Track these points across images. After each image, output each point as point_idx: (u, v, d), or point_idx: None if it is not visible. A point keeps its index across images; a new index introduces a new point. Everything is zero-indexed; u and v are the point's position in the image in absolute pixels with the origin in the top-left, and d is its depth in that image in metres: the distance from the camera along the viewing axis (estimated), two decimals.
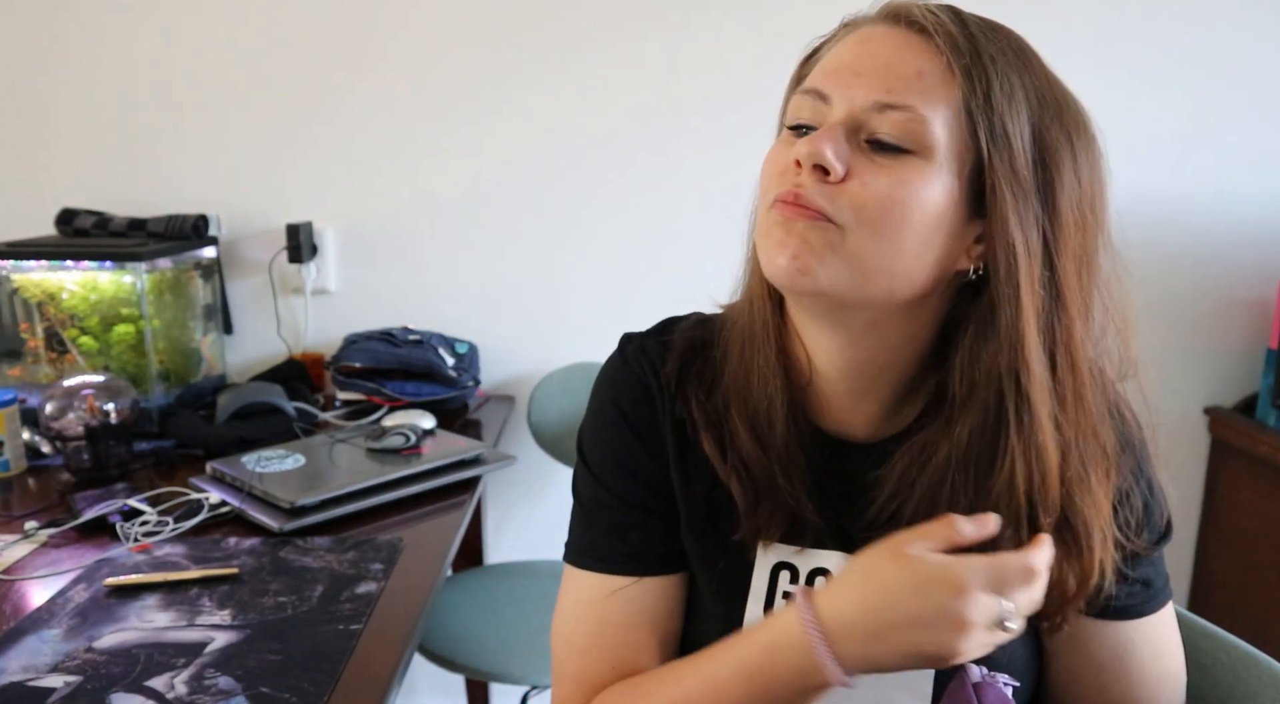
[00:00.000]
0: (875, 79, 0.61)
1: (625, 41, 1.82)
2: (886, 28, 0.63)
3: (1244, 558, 1.84)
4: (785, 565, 0.71)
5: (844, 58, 0.64)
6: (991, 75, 0.60)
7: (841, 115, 0.61)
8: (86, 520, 1.25)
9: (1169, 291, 1.90)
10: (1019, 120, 0.61)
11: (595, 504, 0.75)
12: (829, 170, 0.60)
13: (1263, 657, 0.78)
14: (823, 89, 0.63)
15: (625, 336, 0.79)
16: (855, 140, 0.61)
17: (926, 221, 0.60)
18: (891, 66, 0.61)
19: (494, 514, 2.02)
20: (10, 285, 1.67)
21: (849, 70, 0.62)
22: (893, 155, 0.60)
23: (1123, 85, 1.80)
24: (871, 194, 0.60)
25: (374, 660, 0.94)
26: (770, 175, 0.65)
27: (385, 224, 1.92)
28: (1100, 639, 0.70)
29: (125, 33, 1.86)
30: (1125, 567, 0.68)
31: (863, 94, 0.61)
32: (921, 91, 0.60)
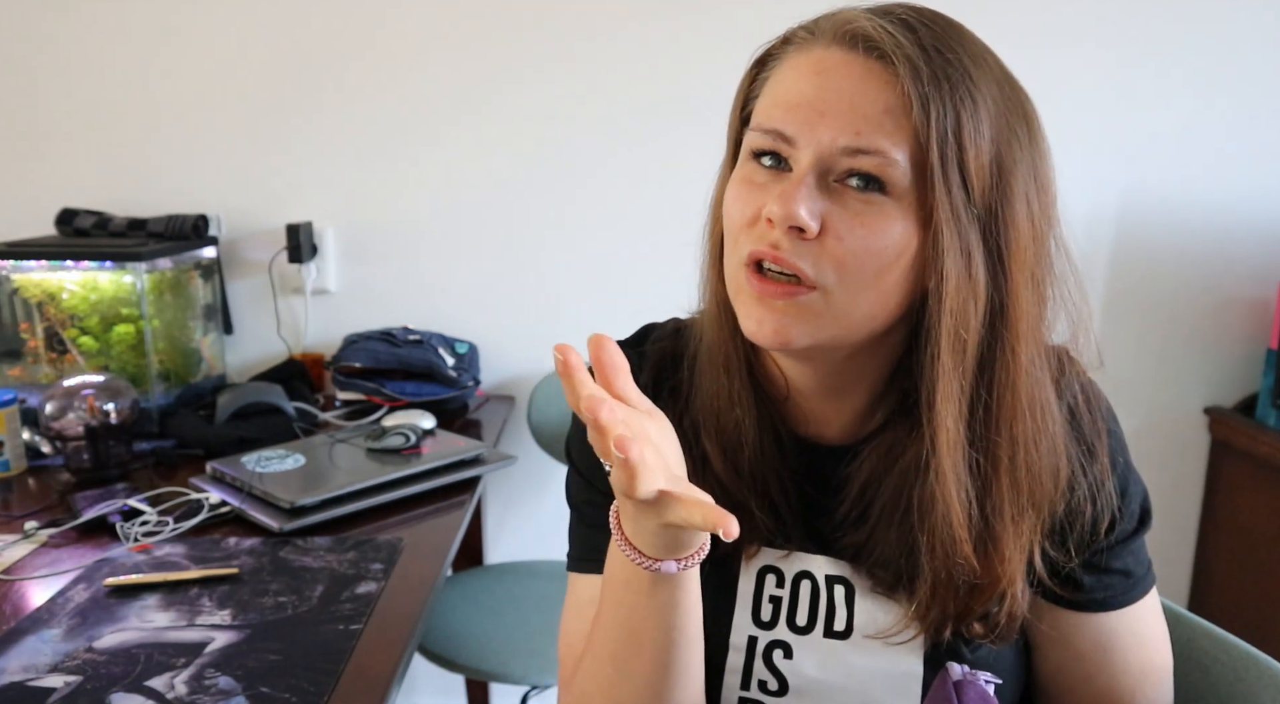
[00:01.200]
0: (842, 120, 0.58)
1: (625, 41, 1.82)
2: (844, 53, 0.60)
3: (1244, 558, 1.84)
4: (771, 569, 0.71)
5: (804, 92, 0.60)
6: (956, 100, 0.58)
7: (809, 160, 0.59)
8: (86, 520, 1.25)
9: (1169, 291, 1.90)
10: (980, 141, 0.59)
11: (589, 506, 0.75)
12: (803, 229, 0.59)
13: (1263, 657, 0.78)
14: (786, 131, 0.60)
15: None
16: (824, 184, 0.60)
17: (901, 258, 0.60)
18: (857, 105, 0.58)
19: (494, 514, 2.02)
20: (10, 285, 1.67)
21: (811, 109, 0.59)
22: (863, 197, 0.59)
23: (1122, 85, 1.80)
24: (849, 249, 0.59)
25: (374, 660, 0.94)
26: (737, 219, 0.63)
27: (385, 224, 1.92)
28: (1082, 632, 0.70)
29: (125, 33, 1.86)
30: (1100, 559, 0.68)
31: (830, 137, 0.59)
32: (889, 131, 0.58)
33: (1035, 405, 0.63)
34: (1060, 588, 0.68)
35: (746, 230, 0.62)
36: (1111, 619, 0.69)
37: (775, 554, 0.71)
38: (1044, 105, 0.65)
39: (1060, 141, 0.69)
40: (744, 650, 0.70)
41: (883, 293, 0.61)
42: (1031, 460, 0.64)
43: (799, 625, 0.70)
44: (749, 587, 0.71)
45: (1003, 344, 0.62)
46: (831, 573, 0.70)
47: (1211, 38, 1.78)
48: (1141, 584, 0.70)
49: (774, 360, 0.70)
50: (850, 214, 0.59)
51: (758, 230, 0.61)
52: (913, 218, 0.59)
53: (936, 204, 0.58)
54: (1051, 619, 0.70)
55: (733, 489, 0.69)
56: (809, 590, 0.70)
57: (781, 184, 0.60)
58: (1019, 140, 0.61)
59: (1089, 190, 1.85)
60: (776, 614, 0.70)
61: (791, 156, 0.61)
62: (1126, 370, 1.92)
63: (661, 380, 0.74)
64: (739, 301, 0.63)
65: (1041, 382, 0.64)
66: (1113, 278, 1.90)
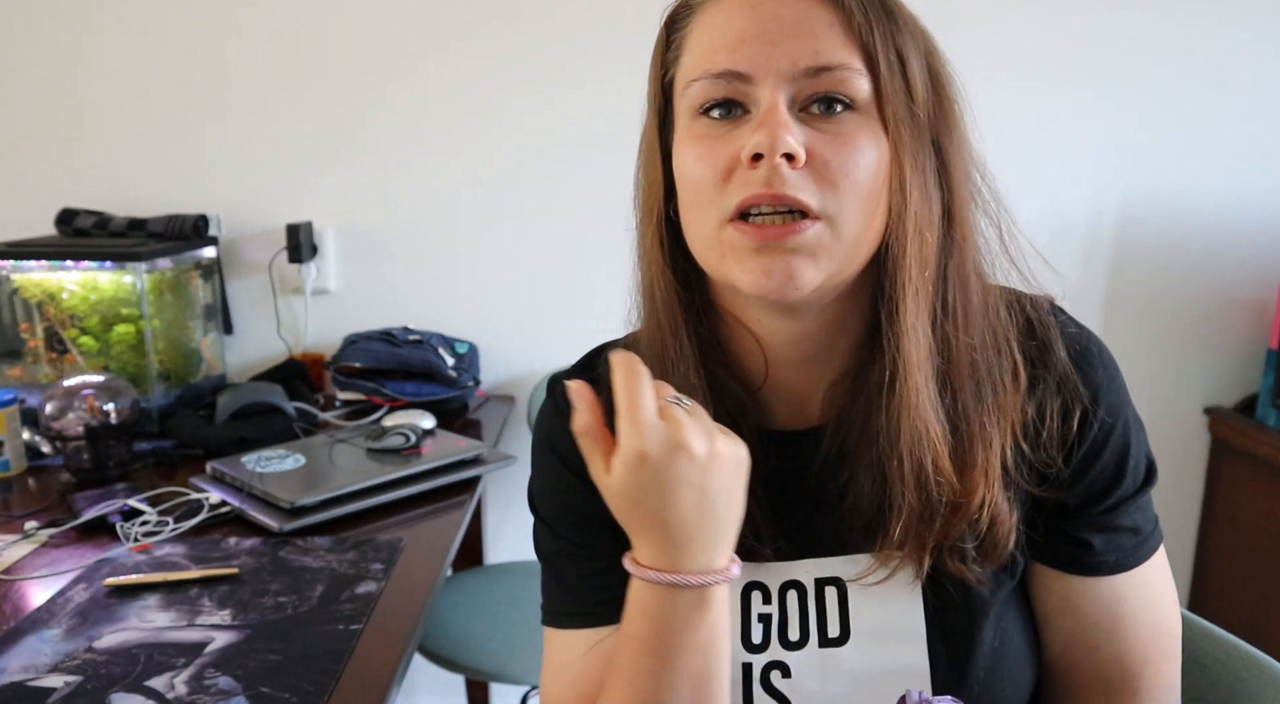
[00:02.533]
0: (796, 44, 0.57)
1: (625, 42, 1.82)
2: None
3: (1244, 558, 1.84)
4: (756, 585, 0.68)
5: (744, 28, 0.58)
6: (886, 12, 0.59)
7: (772, 90, 0.57)
8: (86, 520, 1.25)
9: (1169, 292, 1.90)
10: (915, 51, 0.60)
11: (560, 557, 0.72)
12: (794, 157, 0.56)
13: (1263, 657, 0.78)
14: (739, 68, 0.58)
15: (552, 379, 0.75)
16: (793, 114, 0.57)
17: (880, 172, 0.58)
18: (804, 27, 0.57)
19: (494, 514, 2.02)
20: (10, 285, 1.67)
21: (759, 40, 0.57)
22: (832, 120, 0.58)
23: (1122, 85, 1.80)
24: (840, 170, 0.57)
25: (374, 660, 0.94)
26: (709, 177, 0.59)
27: (385, 224, 1.92)
28: (1092, 597, 0.67)
29: (125, 33, 1.86)
30: (1108, 518, 0.66)
31: (789, 62, 0.57)
32: (842, 44, 0.57)
33: (986, 307, 0.64)
34: (1069, 552, 0.67)
35: (722, 186, 0.59)
36: (1121, 582, 0.67)
37: (754, 567, 0.67)
38: (1044, 106, 0.66)
39: (1060, 142, 0.69)
40: (740, 681, 0.67)
41: (874, 212, 0.59)
42: (990, 362, 0.63)
43: (791, 641, 0.66)
44: (735, 608, 0.67)
45: (955, 248, 0.62)
46: (821, 576, 0.67)
47: (1211, 37, 1.78)
48: (1150, 541, 0.68)
49: (752, 338, 0.66)
50: (829, 136, 0.57)
51: (739, 179, 0.58)
52: (879, 131, 0.58)
53: (892, 113, 0.58)
54: (1062, 588, 0.68)
55: None
56: (797, 601, 0.67)
57: (746, 126, 0.58)
58: (938, 61, 0.62)
59: (1089, 191, 1.85)
60: (767, 634, 0.67)
61: (748, 97, 0.58)
62: (1126, 370, 1.90)
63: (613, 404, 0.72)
64: (729, 262, 0.59)
65: (987, 286, 0.65)
66: (1113, 278, 1.90)
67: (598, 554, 0.69)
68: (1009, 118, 1.79)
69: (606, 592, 0.68)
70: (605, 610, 0.68)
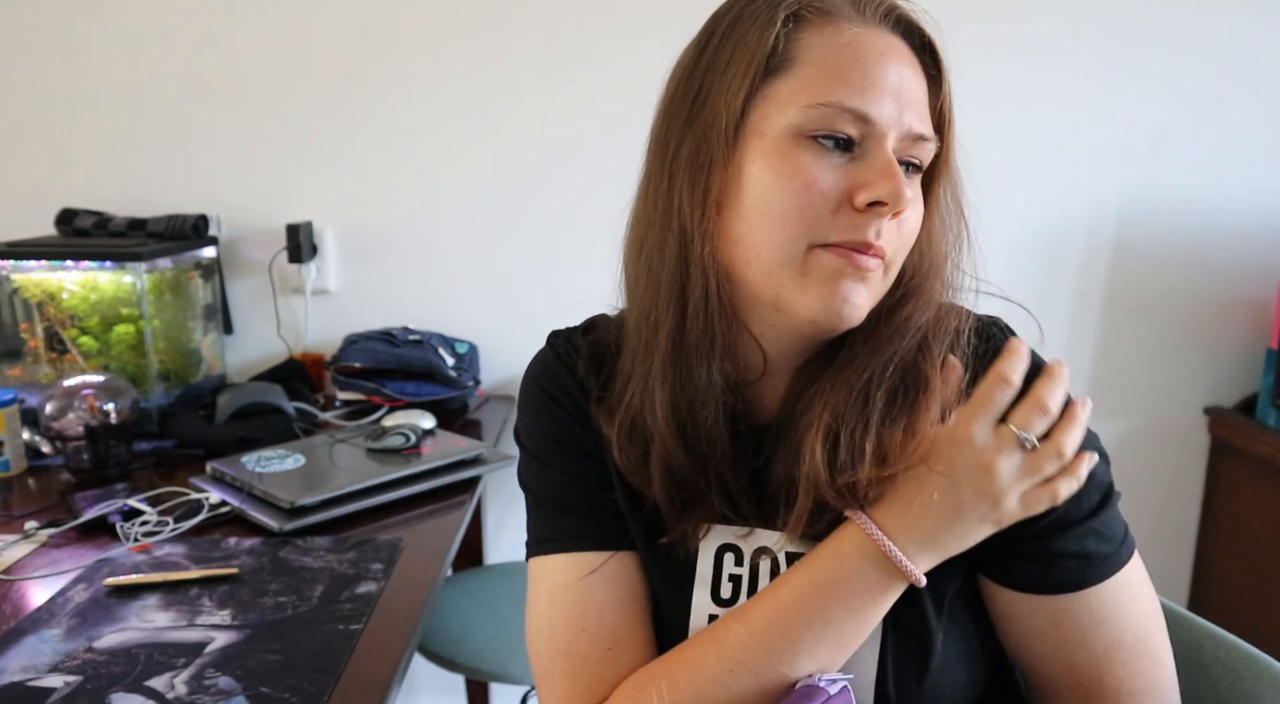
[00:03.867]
0: (913, 106, 0.62)
1: (626, 42, 1.82)
2: (888, 37, 0.63)
3: (1244, 558, 1.84)
4: (729, 547, 0.70)
5: (880, 77, 0.61)
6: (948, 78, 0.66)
7: (891, 144, 0.62)
8: (86, 520, 1.25)
9: (1169, 291, 1.90)
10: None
11: (550, 487, 0.75)
12: (900, 212, 0.61)
13: (1263, 657, 0.78)
14: (872, 114, 0.60)
15: (554, 332, 0.81)
16: None
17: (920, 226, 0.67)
18: (914, 92, 0.63)
19: (494, 514, 2.02)
20: (10, 285, 1.67)
21: (889, 93, 0.61)
22: (911, 180, 0.64)
23: (1122, 85, 1.80)
24: (909, 230, 0.64)
25: (374, 660, 0.94)
26: (810, 205, 0.60)
27: (385, 224, 1.92)
28: (1035, 611, 0.66)
29: (125, 33, 1.86)
30: (1052, 544, 0.65)
31: (909, 123, 0.62)
32: (929, 115, 0.64)
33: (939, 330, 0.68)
34: (1008, 569, 0.66)
35: (827, 216, 0.60)
36: (1065, 600, 0.65)
37: (732, 531, 0.70)
38: (1044, 106, 0.67)
39: (1060, 142, 0.70)
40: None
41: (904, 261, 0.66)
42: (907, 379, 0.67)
43: None
44: (707, 566, 0.70)
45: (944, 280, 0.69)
46: (792, 550, 0.69)
47: (1211, 37, 1.78)
48: (1103, 564, 0.65)
49: (752, 339, 0.68)
50: (907, 198, 0.62)
51: (846, 215, 0.61)
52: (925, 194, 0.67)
53: (947, 183, 0.67)
54: (1004, 600, 0.67)
55: (692, 483, 0.69)
56: (769, 568, 0.69)
57: (861, 166, 0.61)
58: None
59: (1089, 191, 1.85)
60: (737, 592, 0.70)
61: (868, 137, 0.61)
62: (1126, 370, 1.92)
63: (602, 368, 0.75)
64: (807, 283, 0.61)
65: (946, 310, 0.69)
66: (1113, 278, 1.90)
67: (587, 484, 0.73)
68: (1009, 117, 1.79)
69: (600, 520, 0.72)
70: (598, 538, 0.72)
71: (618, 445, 0.70)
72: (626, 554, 0.72)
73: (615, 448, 0.70)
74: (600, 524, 0.72)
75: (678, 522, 0.69)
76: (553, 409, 0.76)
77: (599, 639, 0.69)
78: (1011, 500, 0.61)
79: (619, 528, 0.72)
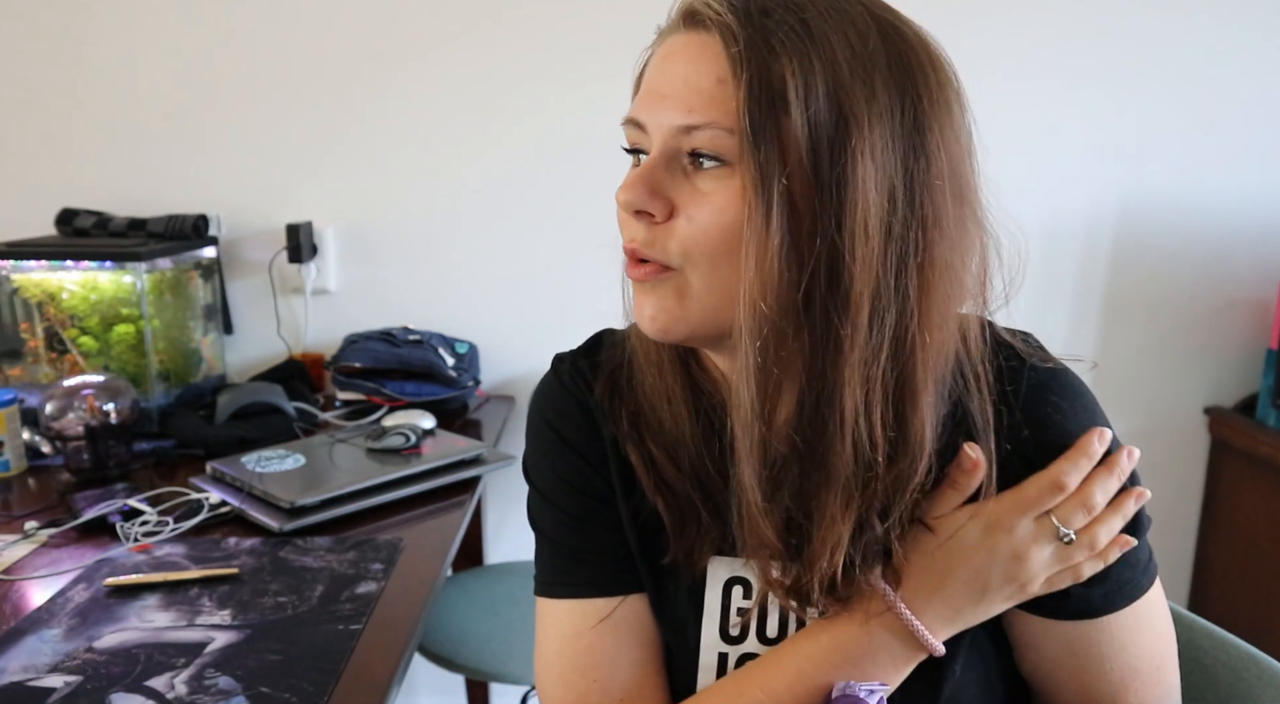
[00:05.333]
0: (677, 100, 0.58)
1: (626, 44, 1.81)
2: (684, 35, 0.60)
3: (1244, 558, 1.84)
4: (737, 580, 0.68)
5: (652, 80, 0.61)
6: (779, 60, 0.55)
7: (657, 145, 0.60)
8: (86, 520, 1.25)
9: (1169, 291, 1.90)
10: (811, 101, 0.54)
11: (557, 528, 0.72)
12: (642, 212, 0.60)
13: (1263, 657, 0.78)
14: (639, 118, 0.61)
15: (557, 357, 0.77)
16: (678, 166, 0.59)
17: (741, 226, 0.57)
18: (690, 82, 0.58)
19: (494, 514, 2.02)
20: (10, 285, 1.67)
21: (655, 94, 0.60)
22: (711, 174, 0.58)
23: (1122, 85, 1.80)
24: (698, 228, 0.58)
25: (374, 660, 0.94)
26: (619, 215, 0.64)
27: (385, 224, 1.92)
28: (1053, 637, 0.66)
29: (126, 33, 1.86)
30: None
31: (668, 118, 0.59)
32: (724, 100, 0.56)
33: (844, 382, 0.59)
34: (1034, 597, 0.64)
35: (621, 224, 0.64)
36: (1084, 626, 0.65)
37: (738, 562, 0.68)
38: (1044, 106, 0.65)
39: (1060, 142, 0.69)
40: (714, 669, 0.68)
41: (734, 268, 0.57)
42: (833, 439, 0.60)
43: (769, 637, 0.67)
44: (715, 601, 0.68)
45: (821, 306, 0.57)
46: None
47: (1211, 37, 1.78)
48: (1125, 590, 0.65)
49: (707, 355, 0.69)
50: (700, 194, 0.59)
51: (627, 226, 0.63)
52: (744, 189, 0.56)
53: (752, 176, 0.55)
54: (1022, 625, 0.67)
55: (680, 492, 0.67)
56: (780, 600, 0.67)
57: None
58: (881, 98, 0.56)
59: (1089, 191, 1.85)
60: (745, 627, 0.68)
61: (646, 146, 0.62)
62: (1126, 370, 1.92)
63: (615, 389, 0.72)
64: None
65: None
66: (1113, 278, 1.90)
67: (595, 527, 0.71)
68: (1008, 117, 1.79)
69: (599, 565, 0.70)
70: (607, 584, 0.70)
71: (632, 453, 0.69)
72: (636, 597, 0.70)
73: (633, 457, 0.69)
74: (608, 570, 0.70)
75: (679, 538, 0.68)
76: (561, 449, 0.73)
77: (609, 691, 0.68)
78: (1037, 584, 0.62)
79: (628, 571, 0.70)
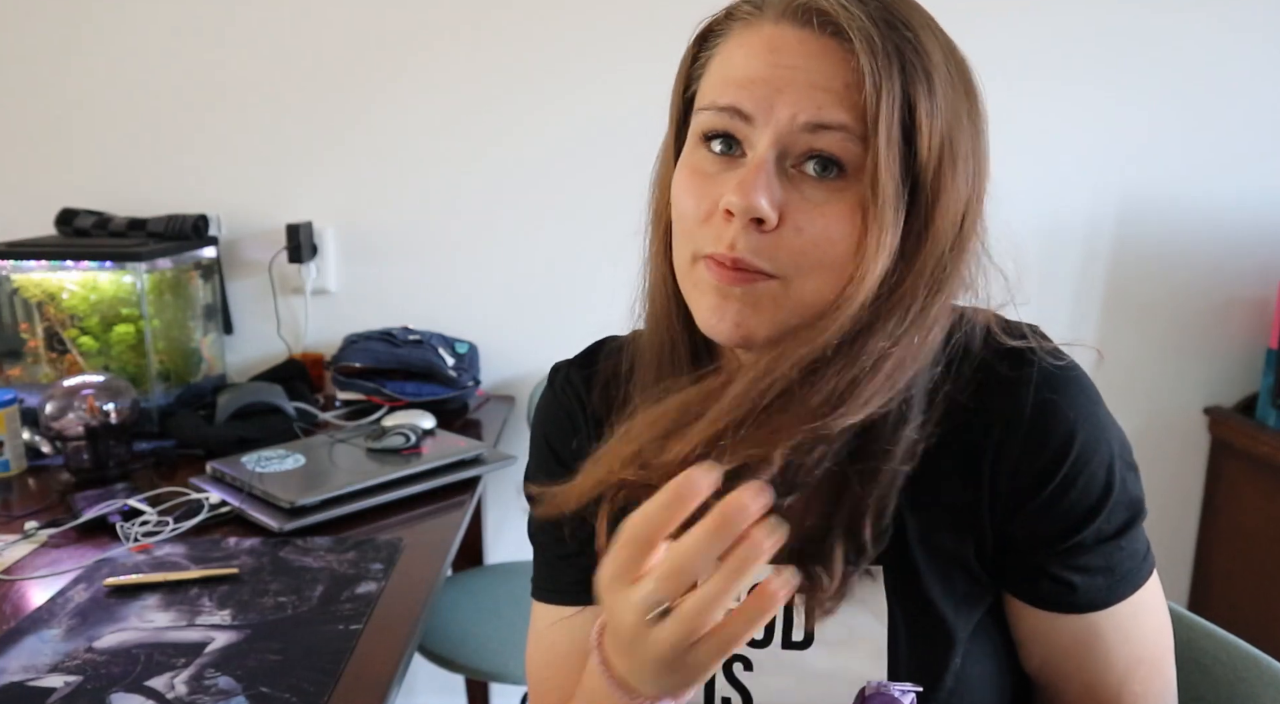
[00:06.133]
0: (801, 96, 0.56)
1: (627, 42, 1.82)
2: (796, 30, 0.57)
3: (1244, 558, 1.84)
4: None
5: (758, 69, 0.58)
6: (910, 79, 0.56)
7: (769, 140, 0.57)
8: (86, 520, 1.25)
9: (1169, 291, 1.90)
10: (934, 123, 0.57)
11: (540, 535, 0.77)
12: (764, 221, 0.56)
13: (1263, 657, 0.78)
14: (743, 107, 0.58)
15: (554, 367, 0.79)
16: (782, 169, 0.57)
17: (853, 243, 0.57)
18: (815, 81, 0.56)
19: (494, 514, 2.02)
20: (10, 285, 1.67)
21: (768, 86, 0.57)
22: (822, 183, 0.57)
23: (1122, 85, 1.80)
24: (810, 240, 0.57)
25: (374, 660, 0.94)
26: (690, 213, 0.60)
27: (385, 224, 1.92)
28: (1062, 629, 0.66)
29: (125, 33, 1.86)
30: (1079, 558, 0.64)
31: (789, 113, 0.56)
32: (853, 105, 0.55)
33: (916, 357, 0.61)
34: (1035, 587, 0.65)
35: (701, 226, 0.60)
36: (1091, 617, 0.66)
37: None
38: (1044, 106, 0.65)
39: (1060, 142, 0.68)
40: None
41: (840, 276, 0.58)
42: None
43: (755, 640, 0.67)
44: None
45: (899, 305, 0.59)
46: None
47: (1212, 37, 1.78)
48: (1128, 581, 0.65)
49: (732, 352, 0.67)
50: (810, 204, 0.57)
51: (713, 227, 0.59)
52: (862, 199, 0.57)
53: (877, 188, 0.56)
54: (1031, 618, 0.67)
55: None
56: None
57: (737, 171, 0.58)
58: (965, 118, 0.59)
59: (1089, 191, 1.85)
60: None
61: (747, 138, 0.58)
62: (1126, 370, 1.92)
63: (612, 398, 0.72)
64: (695, 295, 0.61)
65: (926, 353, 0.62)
66: (1113, 278, 1.90)
67: (564, 539, 0.74)
68: (1008, 117, 1.78)
69: (571, 574, 0.74)
70: (570, 592, 0.74)
71: None
72: (594, 610, 0.72)
73: None
74: (574, 577, 0.74)
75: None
76: (550, 461, 0.76)
77: (561, 689, 0.73)
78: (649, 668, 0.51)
79: (584, 585, 0.71)
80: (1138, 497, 0.66)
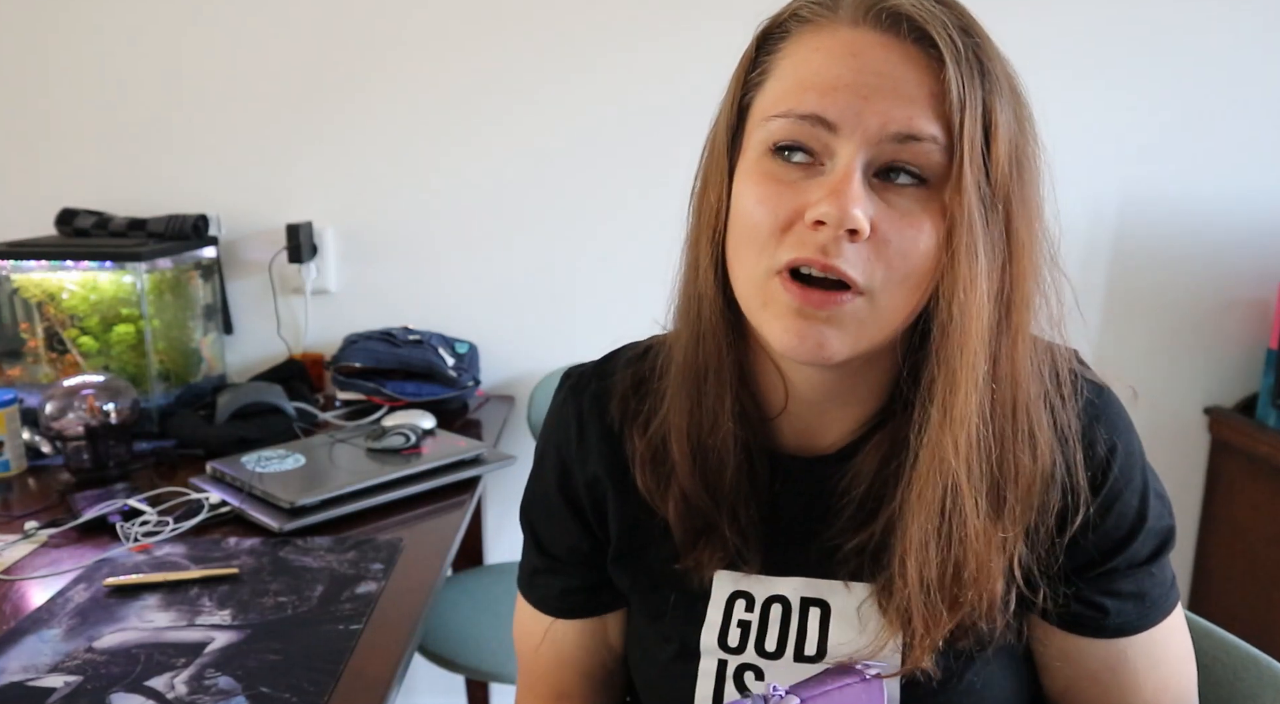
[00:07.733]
0: (890, 104, 0.54)
1: (627, 42, 1.82)
2: (879, 34, 0.55)
3: (1244, 558, 1.84)
4: (741, 594, 0.68)
5: (840, 75, 0.55)
6: (988, 87, 0.55)
7: (854, 151, 0.54)
8: (86, 520, 1.25)
9: (1169, 291, 1.90)
10: (1006, 131, 0.56)
11: (530, 540, 0.81)
12: (858, 232, 0.54)
13: (1263, 657, 0.78)
14: (827, 116, 0.55)
15: (566, 374, 0.76)
16: (866, 178, 0.55)
17: (936, 253, 0.56)
18: (901, 90, 0.54)
19: (494, 514, 2.02)
20: (10, 285, 1.67)
21: (854, 93, 0.54)
22: (906, 193, 0.56)
23: (1121, 85, 1.80)
24: (897, 252, 0.55)
25: (374, 660, 0.94)
26: (767, 224, 0.57)
27: (385, 224, 1.92)
28: (1092, 654, 0.67)
29: (125, 33, 1.86)
30: (1113, 583, 0.65)
31: (879, 122, 0.54)
32: (939, 116, 0.54)
33: (1031, 396, 0.61)
34: (1068, 613, 0.65)
35: (779, 236, 0.57)
36: (1122, 643, 0.66)
37: (744, 577, 0.68)
38: (1044, 105, 0.65)
39: (1060, 141, 0.68)
40: (713, 675, 0.68)
41: (920, 289, 0.57)
42: (1021, 451, 0.60)
43: (768, 651, 0.67)
44: (718, 612, 0.68)
45: (1006, 324, 0.59)
46: (808, 595, 0.67)
47: (1211, 37, 1.78)
48: (1158, 608, 0.66)
49: (779, 373, 0.66)
50: (897, 214, 0.55)
51: (796, 235, 0.56)
52: (944, 209, 0.56)
53: (964, 199, 0.54)
54: (1060, 642, 0.67)
55: (705, 511, 0.67)
56: (780, 614, 0.67)
57: (820, 180, 0.56)
58: (1028, 126, 0.59)
59: (1089, 191, 1.85)
60: (745, 638, 0.68)
61: (828, 148, 0.56)
62: (1126, 370, 1.92)
63: (628, 409, 0.71)
64: (768, 314, 0.58)
65: (1038, 373, 0.63)
66: (1113, 278, 1.90)
67: (555, 556, 0.78)
68: None
69: (549, 590, 0.78)
70: (545, 604, 0.79)
71: (641, 467, 0.69)
72: (571, 623, 0.77)
73: (638, 470, 0.69)
74: (551, 593, 0.78)
75: (690, 549, 0.68)
76: (547, 482, 0.77)
77: (544, 679, 0.79)
78: None
79: (569, 601, 0.77)
80: (1169, 525, 0.67)
